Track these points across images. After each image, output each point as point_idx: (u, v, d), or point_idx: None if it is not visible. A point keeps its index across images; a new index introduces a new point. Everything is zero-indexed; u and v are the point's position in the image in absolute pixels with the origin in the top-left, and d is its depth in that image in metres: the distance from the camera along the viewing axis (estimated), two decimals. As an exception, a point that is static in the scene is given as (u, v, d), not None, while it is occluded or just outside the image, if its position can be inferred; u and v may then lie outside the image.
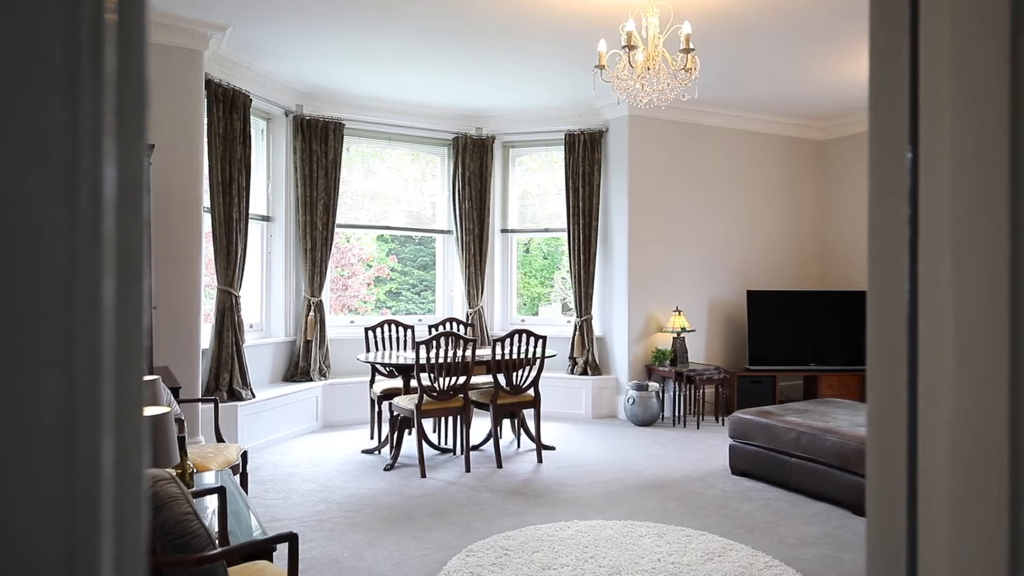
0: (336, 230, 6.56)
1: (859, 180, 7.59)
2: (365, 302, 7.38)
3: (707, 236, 7.25)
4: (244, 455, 3.70)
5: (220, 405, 4.30)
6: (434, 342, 4.71)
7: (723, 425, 6.52)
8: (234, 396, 5.18)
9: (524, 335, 5.06)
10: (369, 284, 7.49)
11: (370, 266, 7.50)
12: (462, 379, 4.89)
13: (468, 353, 4.88)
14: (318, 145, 6.37)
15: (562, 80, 6.08)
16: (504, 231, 7.46)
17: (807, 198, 7.93)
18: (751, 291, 7.14)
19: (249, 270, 5.85)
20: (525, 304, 7.74)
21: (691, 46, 3.73)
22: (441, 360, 4.78)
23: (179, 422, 3.15)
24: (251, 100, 5.54)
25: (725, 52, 5.35)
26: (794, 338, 7.15)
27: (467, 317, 7.10)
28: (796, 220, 7.85)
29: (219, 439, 3.99)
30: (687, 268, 7.13)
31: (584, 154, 6.95)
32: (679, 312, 6.75)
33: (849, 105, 7.03)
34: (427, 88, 6.32)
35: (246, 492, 3.38)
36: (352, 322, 6.87)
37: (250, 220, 5.64)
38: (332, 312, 6.89)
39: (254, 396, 5.36)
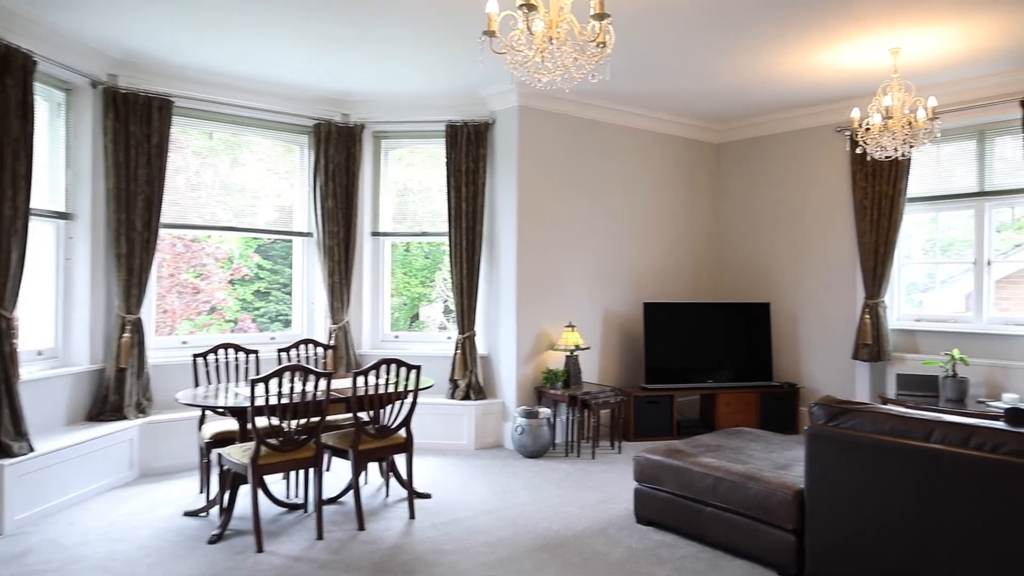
0: (162, 231, 5.35)
1: (752, 186, 7.19)
2: (217, 308, 6.16)
3: (603, 243, 6.59)
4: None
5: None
6: (275, 378, 3.69)
7: (619, 452, 5.87)
8: (1, 452, 3.91)
9: (394, 365, 4.13)
10: (230, 283, 6.28)
11: (231, 262, 6.28)
12: (315, 420, 3.90)
13: (322, 389, 3.89)
14: (138, 126, 5.13)
15: (444, 62, 5.19)
16: (375, 234, 6.47)
17: (704, 203, 7.47)
18: (648, 303, 6.55)
19: (38, 282, 4.56)
20: (401, 318, 6.79)
21: (605, 10, 2.96)
22: (287, 399, 3.76)
23: None
24: (35, 63, 4.26)
25: (620, 44, 4.66)
26: (691, 353, 6.64)
27: (330, 335, 6.06)
28: (693, 226, 7.36)
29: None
30: (581, 279, 6.44)
31: (468, 149, 6.09)
32: (572, 328, 6.04)
33: (746, 107, 6.58)
34: (282, 64, 5.25)
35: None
36: (184, 343, 5.65)
37: (34, 217, 4.35)
38: (158, 331, 5.64)
39: (32, 449, 4.08)
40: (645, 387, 6.41)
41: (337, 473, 5.06)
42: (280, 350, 5.07)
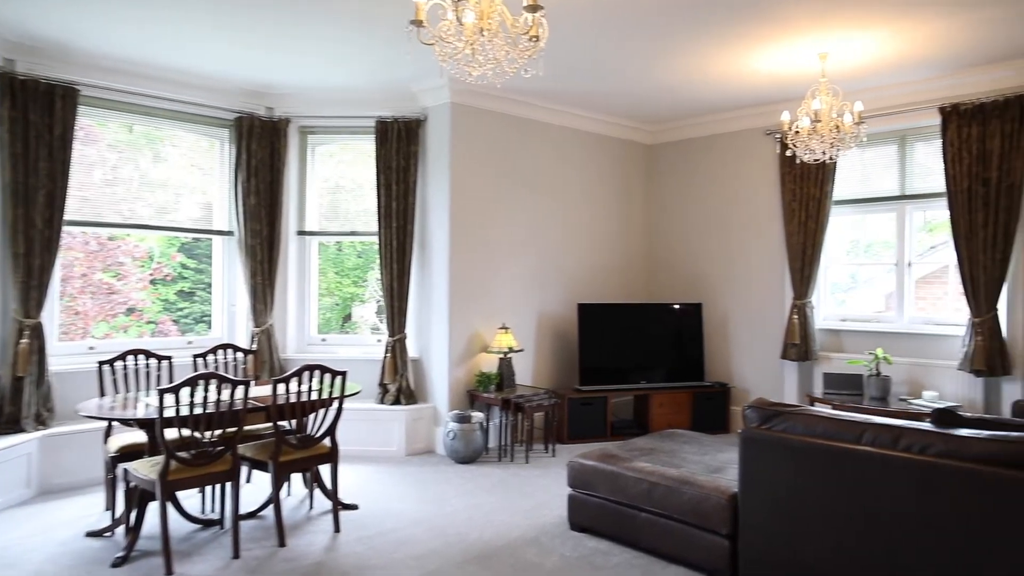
0: (71, 228, 4.98)
1: (684, 187, 7.24)
2: (136, 309, 5.77)
3: (537, 243, 6.50)
4: None
5: None
6: (187, 387, 3.43)
7: (553, 455, 5.79)
8: None
9: (318, 371, 3.92)
10: (151, 283, 5.88)
11: (151, 260, 5.88)
12: (232, 431, 3.66)
13: (238, 397, 3.65)
14: (39, 115, 4.75)
15: (372, 55, 4.99)
16: (301, 233, 6.20)
17: (637, 204, 7.47)
18: (582, 304, 6.50)
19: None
20: (333, 318, 6.54)
21: (538, 2, 2.84)
22: (200, 409, 3.51)
23: None
24: (-85, 41, 3.87)
25: (555, 41, 4.57)
26: (625, 354, 6.63)
27: (252, 339, 5.77)
28: (627, 227, 7.35)
29: None
30: (516, 279, 6.33)
31: (399, 146, 5.90)
32: (506, 330, 5.92)
33: (679, 109, 6.61)
34: (200, 53, 4.94)
35: None
36: (92, 348, 5.26)
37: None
38: (68, 335, 5.25)
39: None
40: (579, 389, 6.35)
41: (258, 485, 4.80)
42: (196, 356, 4.77)
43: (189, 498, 4.44)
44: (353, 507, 4.47)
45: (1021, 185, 5.08)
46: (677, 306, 6.87)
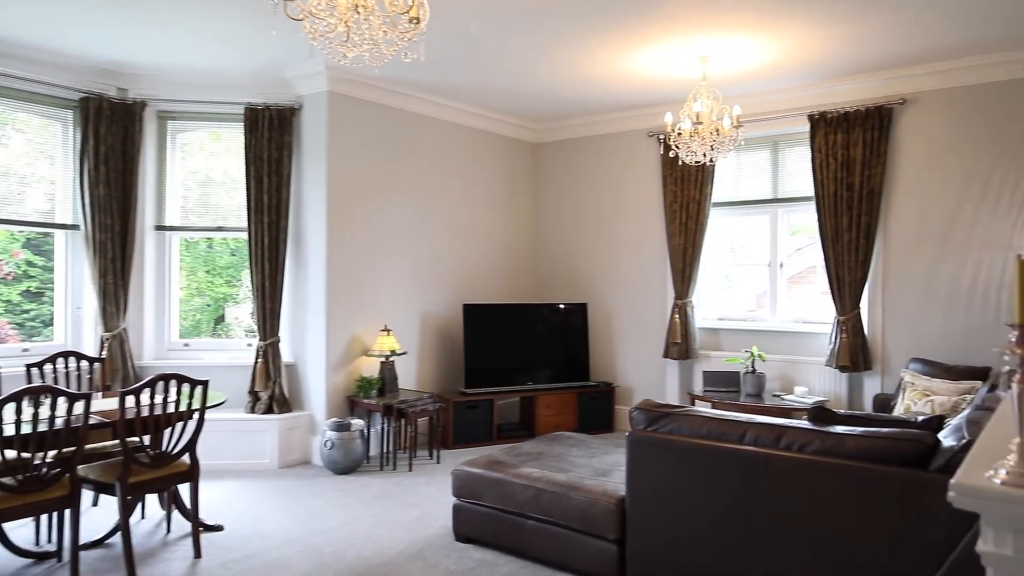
0: None
1: (569, 187, 7.24)
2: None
3: (421, 242, 6.27)
4: None
5: None
6: (11, 403, 2.96)
7: (438, 462, 5.59)
8: None
9: (174, 380, 3.52)
10: None
11: None
12: (70, 451, 3.21)
13: (78, 413, 3.20)
14: None
15: (242, 34, 4.59)
16: (160, 228, 5.66)
17: (523, 203, 7.40)
18: (468, 305, 6.34)
19: None
20: (204, 320, 6.02)
21: (416, -23, 2.64)
22: (30, 427, 3.05)
23: None
24: None
25: (438, 31, 4.38)
26: (511, 355, 6.53)
27: (101, 345, 5.19)
28: (513, 226, 7.26)
29: None
30: (398, 280, 6.07)
31: (271, 135, 5.50)
32: (388, 332, 5.66)
33: (564, 108, 6.59)
34: (36, 22, 4.36)
35: None
36: (-100, 359, 4.55)
37: None
38: None
39: None
40: (465, 391, 6.19)
41: (107, 509, 4.29)
42: (30, 366, 4.20)
43: (19, 528, 3.89)
44: (218, 528, 4.08)
45: (881, 191, 5.39)
46: (563, 306, 6.85)
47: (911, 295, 5.39)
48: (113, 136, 5.24)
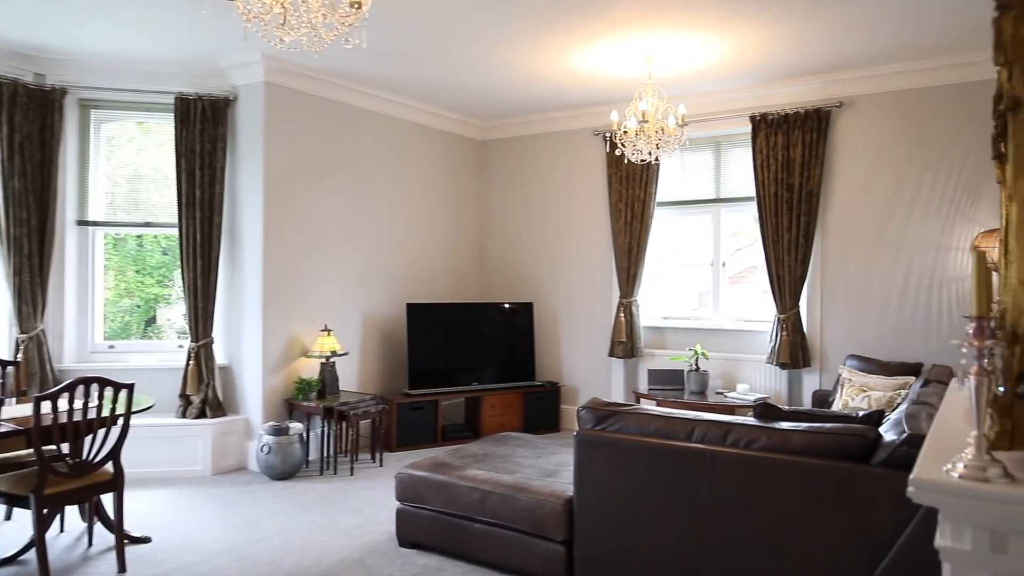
0: None
1: (516, 185, 7.18)
2: None
3: (363, 240, 6.10)
4: None
5: None
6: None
7: (381, 465, 5.44)
8: None
9: (96, 384, 3.30)
10: None
11: None
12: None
13: (-14, 421, 2.96)
14: None
15: (171, 19, 4.35)
16: (83, 223, 5.35)
17: (469, 201, 7.30)
18: (411, 304, 6.20)
19: None
20: (133, 322, 5.71)
21: (357, -42, 2.52)
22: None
23: None
24: None
25: (381, 20, 4.25)
26: (456, 355, 6.42)
27: (17, 347, 4.86)
28: (458, 225, 7.15)
29: None
30: (339, 278, 5.89)
31: (203, 127, 5.25)
32: (329, 332, 5.48)
33: (510, 105, 6.52)
34: (-64, -4, 4.04)
35: None
36: None
37: None
38: None
39: None
40: (408, 392, 6.05)
41: (21, 523, 4.01)
42: (-65, 369, 3.89)
43: (-77, 546, 3.59)
44: (145, 540, 3.85)
45: (819, 191, 5.50)
46: (508, 305, 6.78)
47: (848, 293, 5.51)
48: (30, 125, 4.92)
